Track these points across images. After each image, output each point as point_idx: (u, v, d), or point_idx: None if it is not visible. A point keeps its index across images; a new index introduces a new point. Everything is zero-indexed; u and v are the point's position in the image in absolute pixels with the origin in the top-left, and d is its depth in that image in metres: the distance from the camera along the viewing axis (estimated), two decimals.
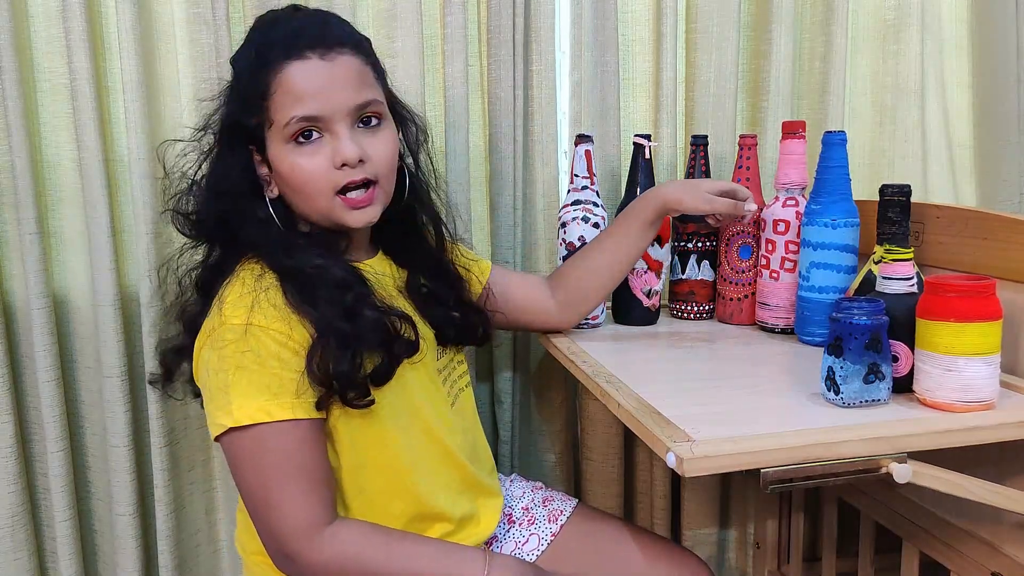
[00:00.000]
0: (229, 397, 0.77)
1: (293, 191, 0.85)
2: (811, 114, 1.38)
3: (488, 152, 1.29)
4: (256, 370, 0.77)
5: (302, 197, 0.85)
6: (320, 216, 0.86)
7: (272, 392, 0.77)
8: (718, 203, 1.03)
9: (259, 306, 0.79)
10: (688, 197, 1.03)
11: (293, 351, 0.79)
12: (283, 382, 0.77)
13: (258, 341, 0.77)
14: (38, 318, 1.14)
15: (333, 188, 0.84)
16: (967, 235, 0.97)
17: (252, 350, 0.77)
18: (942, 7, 1.44)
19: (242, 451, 0.77)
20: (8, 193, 1.15)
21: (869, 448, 0.71)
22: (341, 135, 0.82)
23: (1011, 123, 1.43)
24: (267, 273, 0.82)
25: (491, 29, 1.24)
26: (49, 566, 1.24)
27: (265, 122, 0.83)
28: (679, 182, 1.09)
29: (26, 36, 1.14)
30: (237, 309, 0.79)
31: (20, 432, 1.19)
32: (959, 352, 0.76)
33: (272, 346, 0.78)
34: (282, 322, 0.79)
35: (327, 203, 0.84)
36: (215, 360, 0.79)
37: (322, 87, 0.81)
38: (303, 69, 0.81)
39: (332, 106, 0.82)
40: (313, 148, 0.82)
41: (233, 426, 0.76)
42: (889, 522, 1.06)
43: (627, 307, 1.17)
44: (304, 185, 0.83)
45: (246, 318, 0.78)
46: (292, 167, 0.83)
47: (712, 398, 0.83)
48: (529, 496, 1.07)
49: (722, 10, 1.30)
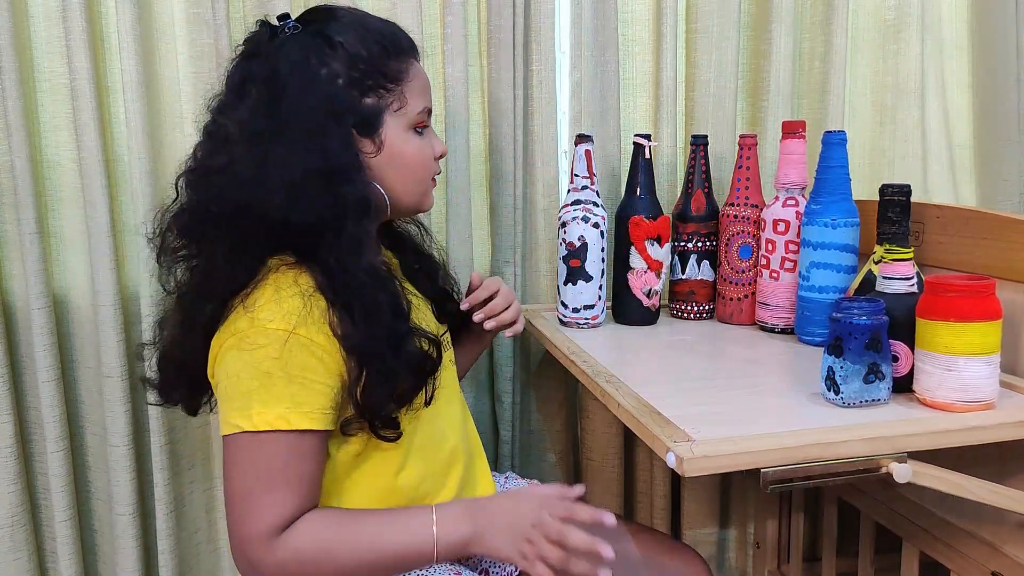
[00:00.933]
0: (250, 402, 0.75)
1: (404, 172, 0.88)
2: (811, 114, 1.38)
3: (488, 152, 1.29)
4: (284, 379, 0.76)
5: (411, 178, 0.89)
6: (414, 197, 0.91)
7: (296, 401, 0.76)
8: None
9: (305, 315, 0.77)
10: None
11: (327, 367, 0.77)
12: (310, 392, 0.76)
13: (293, 352, 0.76)
14: (38, 318, 1.14)
15: (432, 174, 0.92)
16: (967, 235, 0.97)
17: (284, 359, 0.75)
18: (942, 7, 1.44)
19: (243, 452, 0.76)
20: (8, 193, 1.15)
21: (869, 448, 0.71)
22: (433, 132, 0.93)
23: (1011, 123, 1.43)
24: (308, 285, 0.79)
25: (491, 29, 1.24)
26: (49, 566, 1.24)
27: (391, 104, 0.86)
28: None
29: (26, 36, 1.14)
30: (275, 314, 0.76)
31: (20, 432, 1.19)
32: (959, 352, 0.76)
33: (310, 360, 0.76)
34: (324, 337, 0.77)
35: (425, 186, 0.92)
36: (241, 363, 0.76)
37: (430, 87, 0.92)
38: (420, 68, 0.91)
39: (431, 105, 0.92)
40: (425, 136, 0.90)
41: (249, 430, 0.75)
42: (889, 522, 1.06)
43: (627, 307, 1.17)
44: (419, 167, 0.89)
45: (287, 325, 0.76)
46: (418, 149, 0.89)
47: (712, 398, 0.83)
48: None
49: (722, 10, 1.30)
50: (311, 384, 0.76)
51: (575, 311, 1.14)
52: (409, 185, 0.89)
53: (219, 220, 0.79)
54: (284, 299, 0.77)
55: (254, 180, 0.78)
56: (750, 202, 1.15)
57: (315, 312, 0.77)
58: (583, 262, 1.12)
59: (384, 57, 0.86)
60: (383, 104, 0.86)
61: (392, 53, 0.87)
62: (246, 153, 0.79)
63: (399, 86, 0.86)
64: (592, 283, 1.13)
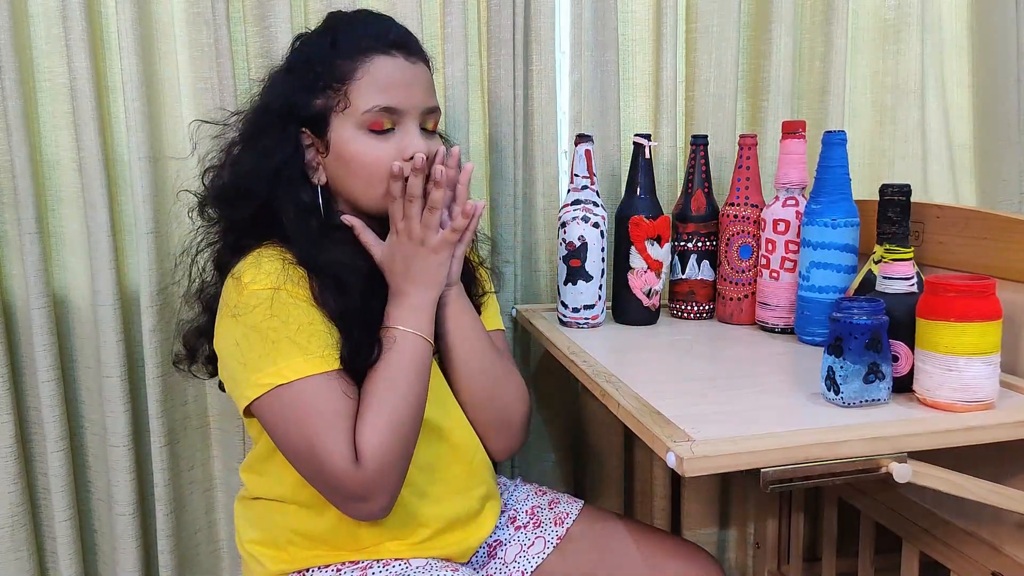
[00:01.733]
0: (272, 360, 0.80)
1: (353, 175, 0.89)
2: (811, 114, 1.38)
3: (488, 152, 1.29)
4: (291, 329, 0.80)
5: (361, 181, 0.89)
6: (373, 202, 0.89)
7: (312, 348, 0.80)
8: None
9: (282, 275, 0.83)
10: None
11: (319, 311, 0.84)
12: (314, 338, 0.81)
13: (283, 307, 0.81)
14: (38, 318, 1.14)
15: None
16: (967, 235, 0.97)
17: (280, 316, 0.81)
18: (942, 7, 1.44)
19: (284, 406, 0.79)
20: (8, 193, 1.15)
21: (869, 448, 0.71)
22: (411, 131, 0.88)
23: (1011, 123, 1.43)
24: (291, 257, 0.86)
25: (491, 29, 1.24)
26: (49, 566, 1.24)
27: (337, 105, 0.87)
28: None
29: (26, 36, 1.14)
30: (258, 277, 0.83)
31: (20, 432, 1.19)
32: (959, 352, 0.76)
33: (302, 307, 0.82)
34: (306, 292, 0.84)
35: (385, 188, 0.88)
36: (240, 329, 0.82)
37: (404, 83, 0.88)
38: (390, 63, 0.87)
39: (410, 102, 0.88)
40: (384, 138, 0.88)
41: (282, 383, 0.79)
42: (889, 522, 1.06)
43: (627, 307, 1.17)
44: (370, 168, 0.88)
45: (271, 283, 0.82)
46: (361, 151, 0.87)
47: (712, 398, 0.83)
48: (534, 499, 1.07)
49: (722, 10, 1.30)
50: (312, 330, 0.82)
51: (575, 311, 1.14)
52: (362, 187, 0.89)
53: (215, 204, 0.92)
54: (263, 262, 0.84)
55: (230, 173, 0.91)
56: (750, 202, 1.15)
57: (295, 277, 0.84)
58: (583, 262, 1.12)
59: (333, 57, 0.88)
60: (330, 104, 0.87)
61: (343, 52, 0.87)
62: (233, 151, 0.92)
63: (344, 85, 0.86)
64: (592, 283, 1.13)
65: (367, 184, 0.88)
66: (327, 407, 0.79)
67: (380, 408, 0.80)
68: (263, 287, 0.82)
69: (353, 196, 0.90)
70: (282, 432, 0.80)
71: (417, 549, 0.90)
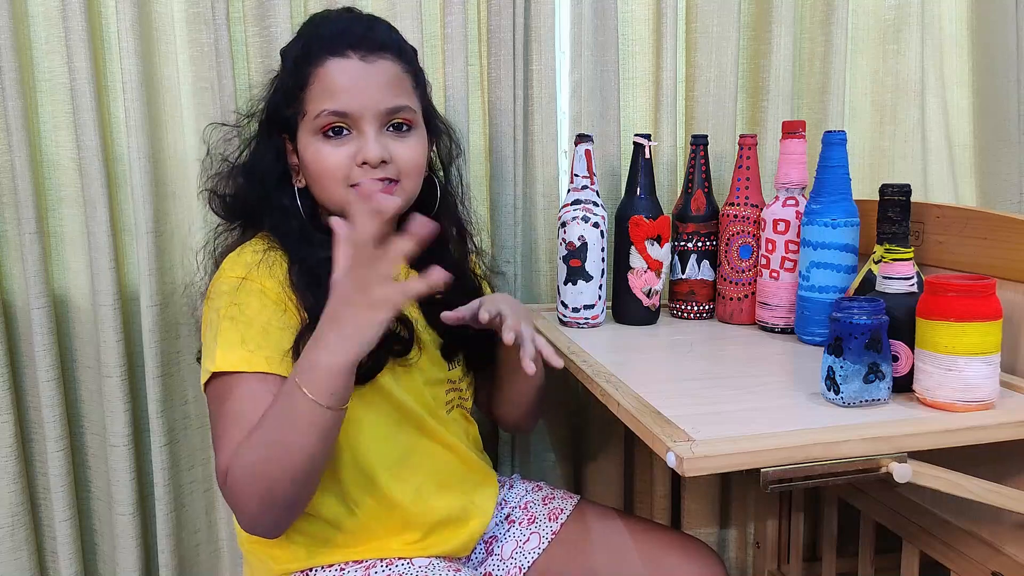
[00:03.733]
0: (216, 345, 0.80)
1: (312, 180, 0.90)
2: (811, 114, 1.38)
3: (488, 152, 1.29)
4: (243, 321, 0.81)
5: (320, 186, 0.89)
6: (336, 206, 0.89)
7: (254, 345, 0.80)
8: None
9: (259, 265, 0.84)
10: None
11: (283, 309, 0.83)
12: (268, 336, 0.81)
13: (249, 295, 0.82)
14: (38, 318, 1.14)
15: (346, 181, 0.87)
16: (967, 235, 0.97)
17: (241, 303, 0.82)
18: (942, 7, 1.44)
19: (215, 394, 0.80)
20: (8, 193, 1.15)
21: (869, 448, 0.71)
22: (368, 135, 0.86)
23: (1011, 123, 1.43)
24: (276, 246, 0.88)
25: (491, 29, 1.24)
26: (49, 566, 1.24)
27: (300, 112, 0.88)
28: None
29: (26, 36, 1.14)
30: (235, 266, 0.85)
31: (20, 432, 1.19)
32: (959, 352, 0.76)
33: (264, 302, 0.82)
34: (275, 285, 0.84)
35: (342, 193, 0.88)
36: (210, 312, 0.84)
37: (356, 86, 0.86)
38: (341, 66, 0.86)
39: (363, 105, 0.86)
40: (339, 142, 0.87)
41: (215, 371, 0.79)
42: (889, 522, 1.06)
43: (627, 307, 1.17)
44: (321, 174, 0.88)
45: (243, 273, 0.83)
46: (314, 156, 0.88)
47: (712, 398, 0.83)
48: (529, 495, 1.07)
49: (722, 10, 1.30)
50: (268, 327, 0.81)
51: (575, 311, 1.14)
52: (319, 191, 0.90)
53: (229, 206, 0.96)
54: (245, 251, 0.86)
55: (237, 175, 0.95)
56: (750, 202, 1.15)
57: (273, 263, 0.85)
58: (583, 262, 1.12)
59: (296, 64, 0.89)
60: (296, 112, 0.89)
61: (303, 58, 0.88)
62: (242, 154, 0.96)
63: (303, 92, 0.87)
64: (592, 283, 1.13)
65: (323, 188, 0.89)
66: (241, 407, 0.78)
67: (251, 446, 0.74)
68: (234, 275, 0.84)
69: (320, 200, 0.92)
70: (210, 416, 0.82)
71: (418, 548, 0.90)
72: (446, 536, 0.92)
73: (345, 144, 0.87)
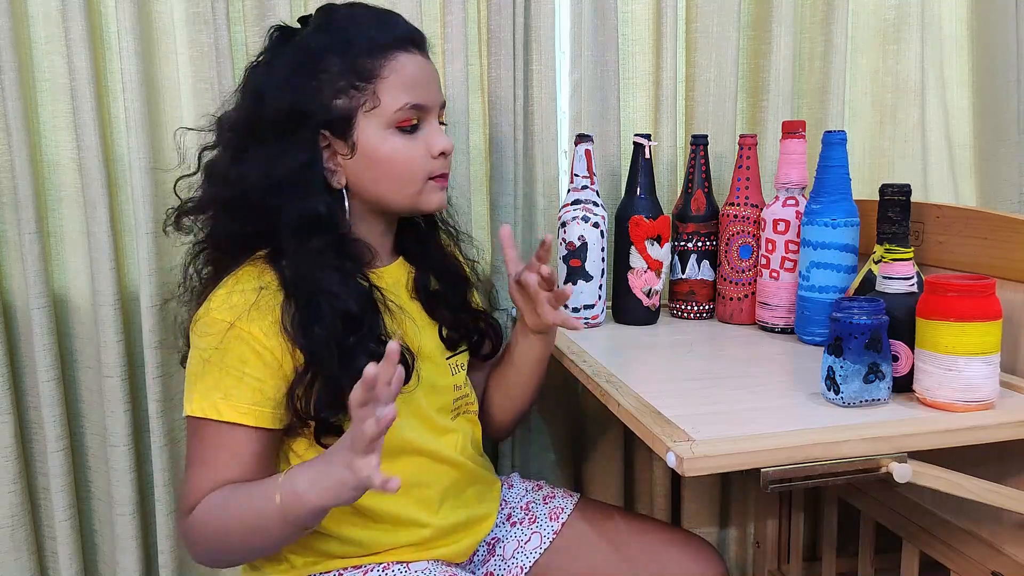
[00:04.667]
0: (193, 387, 0.81)
1: (386, 174, 0.87)
2: (811, 114, 1.38)
3: (488, 152, 1.29)
4: (220, 369, 0.80)
5: (397, 180, 0.88)
6: (406, 200, 0.89)
7: (228, 393, 0.79)
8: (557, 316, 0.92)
9: (249, 310, 0.80)
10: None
11: (265, 362, 0.80)
12: (242, 387, 0.80)
13: (231, 344, 0.80)
14: (38, 318, 1.14)
15: (428, 174, 0.88)
16: (967, 235, 0.97)
17: (223, 349, 0.80)
18: (942, 7, 1.44)
19: (191, 430, 0.82)
20: (8, 193, 1.15)
21: (869, 448, 0.71)
22: (436, 127, 0.89)
23: (1011, 123, 1.43)
24: (271, 280, 0.83)
25: (491, 29, 1.24)
26: (49, 566, 1.24)
27: (363, 104, 0.84)
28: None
29: (26, 36, 1.14)
30: (224, 305, 0.81)
31: (20, 432, 1.19)
32: (959, 352, 0.76)
33: (247, 352, 0.80)
34: (264, 333, 0.80)
35: (420, 186, 0.88)
36: (194, 349, 0.83)
37: (428, 81, 0.88)
38: (415, 62, 0.87)
39: (433, 99, 0.89)
40: (414, 136, 0.87)
41: (190, 414, 0.81)
42: (889, 522, 1.06)
43: (627, 307, 1.17)
44: (403, 168, 0.87)
45: (230, 317, 0.80)
46: (396, 149, 0.86)
47: (712, 398, 0.83)
48: (530, 495, 1.07)
49: (722, 10, 1.30)
50: (245, 378, 0.80)
51: (575, 311, 1.14)
52: (390, 186, 0.87)
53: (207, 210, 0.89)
54: (236, 292, 0.82)
55: (223, 181, 0.86)
56: (750, 202, 1.15)
57: (265, 307, 0.80)
58: (583, 262, 1.12)
59: (355, 56, 0.84)
60: (355, 105, 0.84)
61: (364, 50, 0.84)
62: (226, 156, 0.87)
63: (371, 84, 0.84)
64: (592, 283, 1.13)
65: (400, 184, 0.88)
66: (204, 455, 0.80)
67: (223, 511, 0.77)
68: (222, 318, 0.80)
69: (381, 197, 0.88)
70: (187, 446, 0.83)
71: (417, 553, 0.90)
72: (448, 543, 0.92)
73: (418, 137, 0.87)
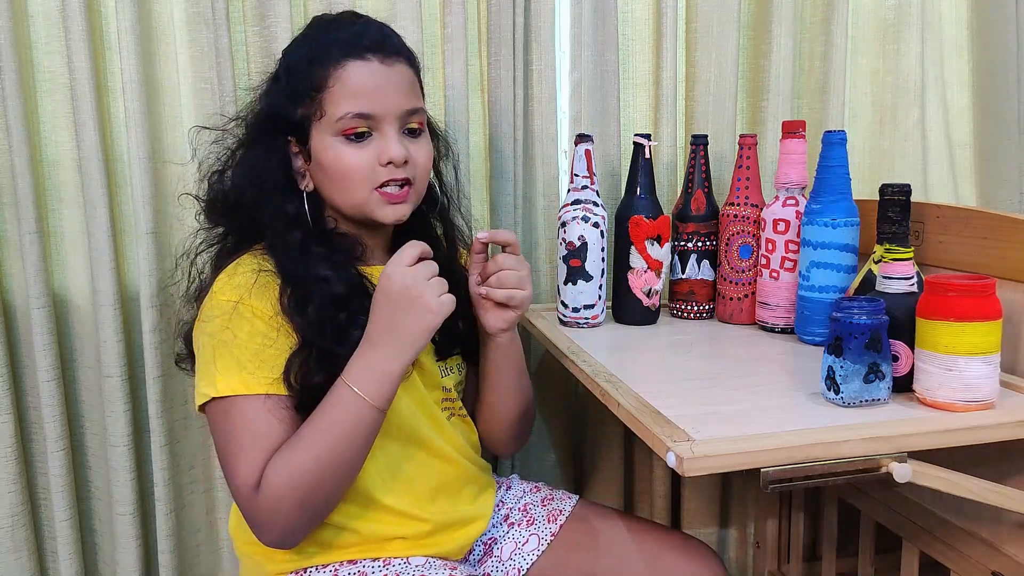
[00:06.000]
0: (214, 370, 0.81)
1: (332, 182, 0.89)
2: (811, 114, 1.38)
3: (488, 152, 1.29)
4: (238, 346, 0.81)
5: (340, 188, 0.89)
6: (354, 209, 0.89)
7: (252, 368, 0.81)
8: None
9: (251, 288, 0.83)
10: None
11: (276, 330, 0.83)
12: (263, 359, 0.82)
13: (242, 319, 0.82)
14: (38, 318, 1.14)
15: (373, 183, 0.88)
16: (967, 235, 0.97)
17: (234, 328, 0.82)
18: (942, 7, 1.44)
19: (219, 417, 0.82)
20: (8, 193, 1.15)
21: (869, 448, 0.71)
22: (390, 136, 0.87)
23: (1011, 123, 1.43)
24: (269, 267, 0.86)
25: (491, 29, 1.24)
26: (49, 566, 1.24)
27: (314, 113, 0.87)
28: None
29: (26, 36, 1.14)
30: (227, 287, 0.84)
31: (20, 432, 1.19)
32: (959, 352, 0.76)
33: (257, 324, 0.82)
34: (268, 306, 0.84)
35: (364, 196, 0.88)
36: (203, 335, 0.84)
37: (379, 88, 0.86)
38: (363, 69, 0.86)
39: (385, 107, 0.87)
40: (361, 144, 0.87)
41: (215, 396, 0.81)
42: (889, 522, 1.06)
43: (627, 307, 1.17)
44: (345, 176, 0.87)
45: (235, 296, 0.83)
46: (337, 157, 0.87)
47: (712, 398, 0.83)
48: (528, 496, 1.07)
49: (722, 10, 1.30)
50: (263, 351, 0.82)
51: (575, 311, 1.14)
52: (340, 195, 0.89)
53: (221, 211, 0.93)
54: (237, 275, 0.85)
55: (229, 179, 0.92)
56: (750, 202, 1.15)
57: (265, 287, 0.84)
58: (583, 262, 1.12)
59: (309, 65, 0.87)
60: (308, 113, 0.87)
61: (317, 60, 0.87)
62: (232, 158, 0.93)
63: (320, 94, 0.86)
64: (592, 283, 1.13)
65: (345, 190, 0.88)
66: (248, 428, 0.80)
67: (295, 453, 0.79)
68: (227, 298, 0.83)
69: (334, 202, 0.91)
70: (215, 440, 0.84)
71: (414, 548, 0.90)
72: (442, 539, 0.92)
73: (367, 146, 0.87)
